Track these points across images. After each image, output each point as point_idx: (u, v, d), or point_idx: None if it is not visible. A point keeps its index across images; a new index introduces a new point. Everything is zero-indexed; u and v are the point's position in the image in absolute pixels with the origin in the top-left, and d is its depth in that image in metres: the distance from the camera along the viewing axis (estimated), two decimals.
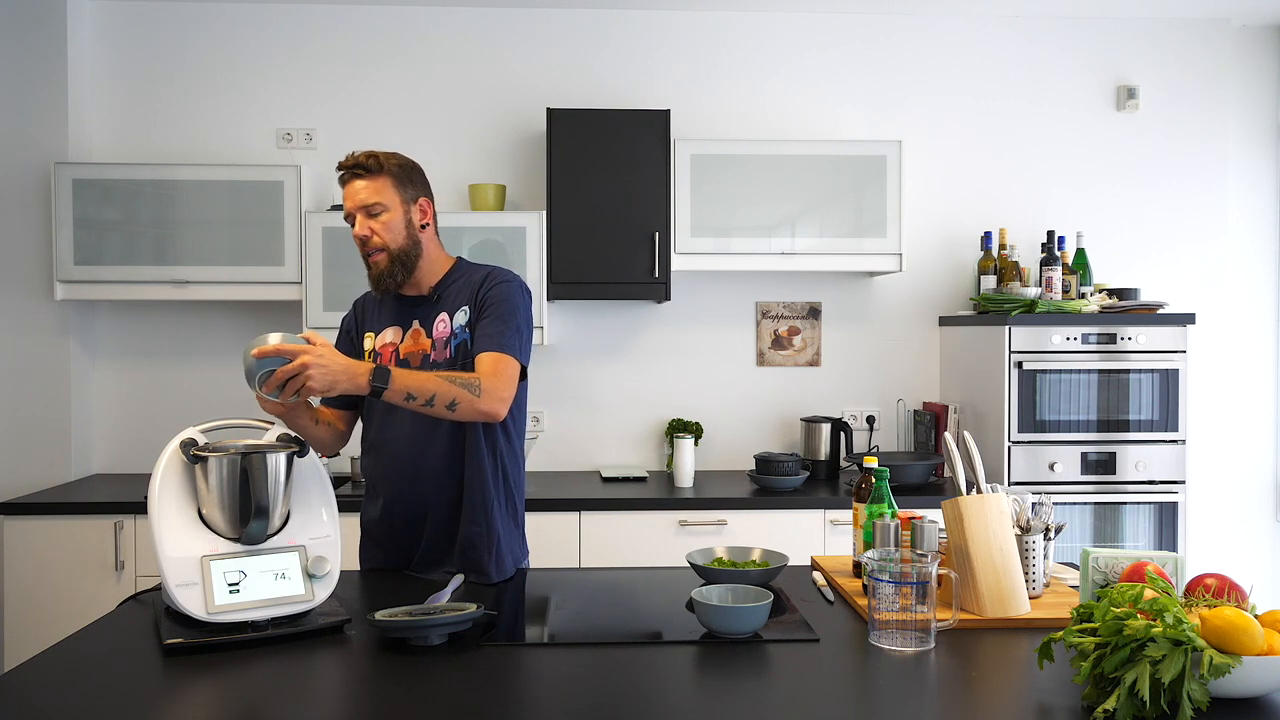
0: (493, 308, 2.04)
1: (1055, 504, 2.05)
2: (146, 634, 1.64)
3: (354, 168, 2.03)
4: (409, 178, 2.08)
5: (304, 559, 1.71)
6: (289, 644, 1.60)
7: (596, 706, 1.37)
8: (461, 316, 2.06)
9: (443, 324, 2.06)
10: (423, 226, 2.09)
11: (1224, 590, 1.45)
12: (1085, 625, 1.33)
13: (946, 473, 3.38)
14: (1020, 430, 3.34)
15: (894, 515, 1.86)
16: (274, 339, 1.72)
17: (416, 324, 2.09)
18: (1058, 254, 3.57)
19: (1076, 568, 2.10)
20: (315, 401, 2.01)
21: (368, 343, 2.13)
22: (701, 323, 3.84)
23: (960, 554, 1.73)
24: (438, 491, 2.06)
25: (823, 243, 3.50)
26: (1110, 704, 1.21)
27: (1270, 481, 3.97)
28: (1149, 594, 1.36)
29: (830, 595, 1.89)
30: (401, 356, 2.07)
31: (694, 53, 3.81)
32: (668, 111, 3.47)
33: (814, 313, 3.86)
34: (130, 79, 3.70)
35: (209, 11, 3.71)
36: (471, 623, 1.61)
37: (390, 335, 2.11)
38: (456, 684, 1.44)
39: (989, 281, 3.65)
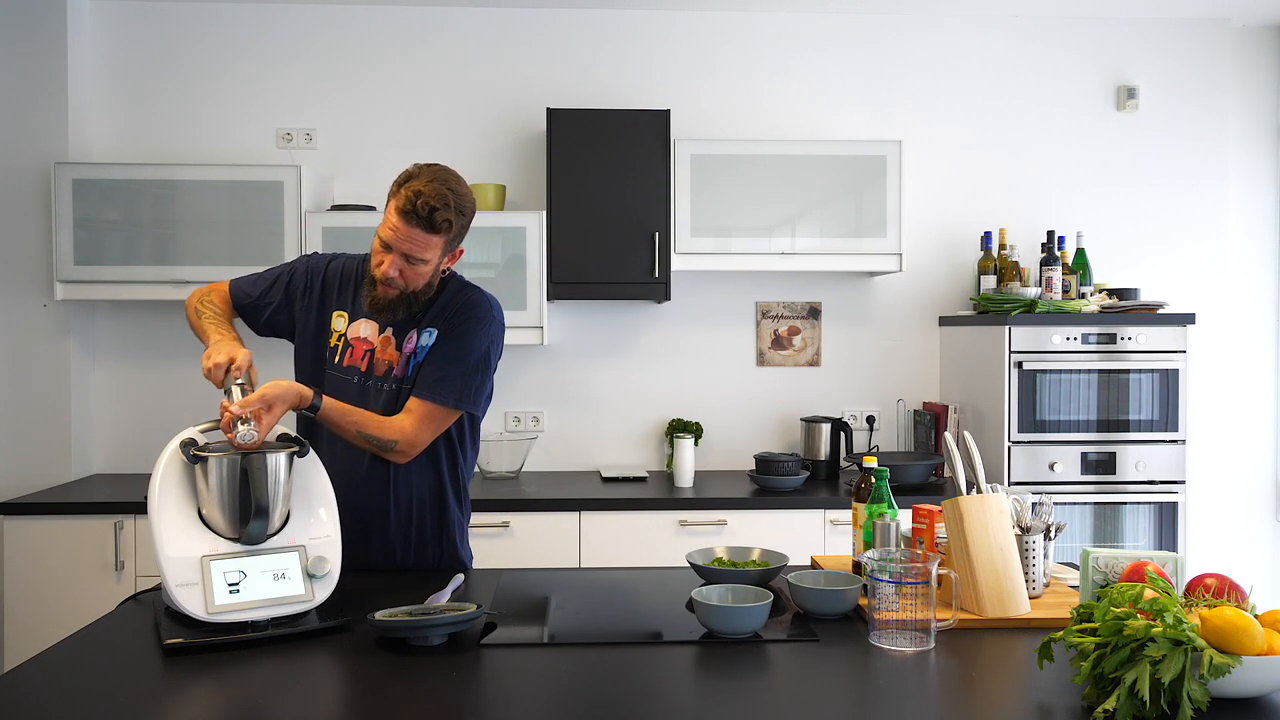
0: (452, 344, 2.03)
1: (1055, 504, 2.05)
2: (146, 634, 1.64)
3: (426, 216, 1.88)
4: (461, 233, 1.99)
5: (304, 559, 1.71)
6: (289, 644, 1.60)
7: (596, 706, 1.37)
8: (427, 338, 2.04)
9: (410, 342, 2.05)
10: (445, 270, 2.06)
11: (1224, 590, 1.45)
12: (1085, 625, 1.33)
13: (946, 473, 3.38)
14: (1020, 430, 3.34)
15: (894, 515, 1.86)
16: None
17: (390, 332, 2.06)
18: (1058, 254, 3.57)
19: (1076, 568, 2.10)
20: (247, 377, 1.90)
21: (338, 323, 2.09)
22: (701, 323, 3.84)
23: (960, 554, 1.73)
24: (377, 483, 2.05)
25: (823, 243, 3.50)
26: (1110, 704, 1.21)
27: (1270, 481, 3.96)
28: (1149, 594, 1.36)
29: None
30: (374, 360, 2.06)
31: (694, 53, 3.81)
32: (668, 111, 3.47)
33: (814, 313, 3.86)
34: (130, 79, 3.70)
35: (209, 11, 3.71)
36: (471, 623, 1.61)
37: (365, 330, 2.06)
38: (456, 684, 1.44)
39: (989, 281, 3.65)
